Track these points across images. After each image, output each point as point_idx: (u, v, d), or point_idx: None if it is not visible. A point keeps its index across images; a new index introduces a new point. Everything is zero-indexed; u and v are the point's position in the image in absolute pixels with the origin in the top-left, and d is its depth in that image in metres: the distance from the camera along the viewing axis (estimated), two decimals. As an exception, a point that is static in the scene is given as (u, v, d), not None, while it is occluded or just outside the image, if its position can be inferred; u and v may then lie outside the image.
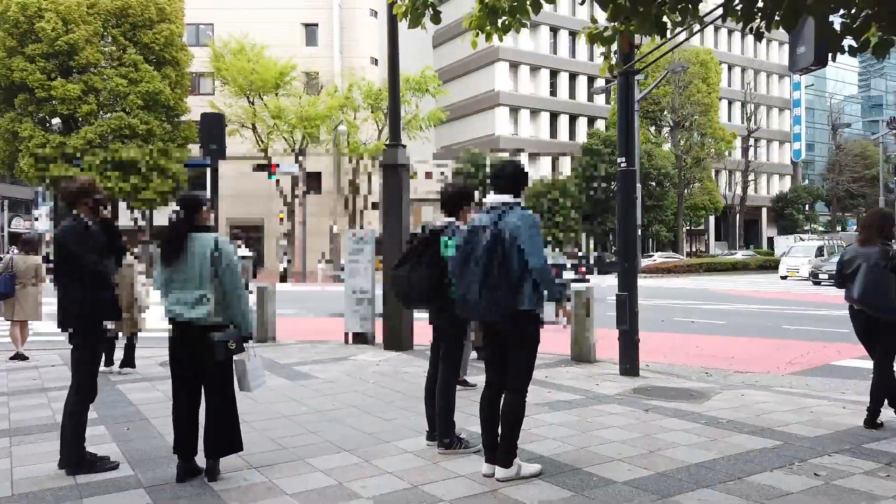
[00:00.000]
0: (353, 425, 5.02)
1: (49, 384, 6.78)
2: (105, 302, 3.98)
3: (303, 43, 41.99)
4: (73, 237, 3.92)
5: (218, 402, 3.85)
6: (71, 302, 3.95)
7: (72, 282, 3.94)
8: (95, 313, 3.96)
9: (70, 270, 3.94)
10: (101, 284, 3.95)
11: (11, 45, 29.56)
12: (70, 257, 3.91)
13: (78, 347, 4.00)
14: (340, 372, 7.34)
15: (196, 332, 3.73)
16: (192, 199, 3.89)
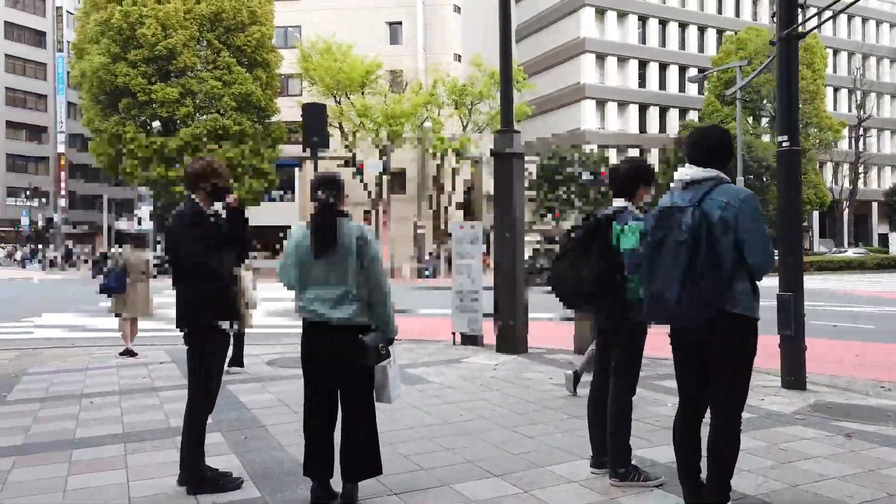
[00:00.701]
0: (493, 442, 4.38)
1: (159, 383, 6.53)
2: (216, 299, 3.49)
3: (387, 41, 42.10)
4: (180, 225, 3.47)
5: (359, 416, 3.29)
6: (181, 298, 3.50)
7: (182, 275, 3.49)
8: (206, 312, 3.47)
9: (179, 262, 3.49)
10: (211, 279, 3.46)
11: (115, 51, 30.96)
12: (177, 247, 3.45)
13: (191, 350, 3.54)
14: (456, 376, 6.74)
15: (338, 335, 3.17)
16: (337, 180, 3.34)
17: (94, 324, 12.63)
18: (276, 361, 7.72)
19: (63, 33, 53.06)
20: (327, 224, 3.17)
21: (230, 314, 3.55)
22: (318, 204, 3.21)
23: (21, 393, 6.08)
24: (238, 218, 3.61)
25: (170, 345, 9.43)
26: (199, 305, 3.42)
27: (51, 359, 8.15)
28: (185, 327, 3.49)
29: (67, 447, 4.34)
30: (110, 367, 7.47)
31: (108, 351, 8.77)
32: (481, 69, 37.62)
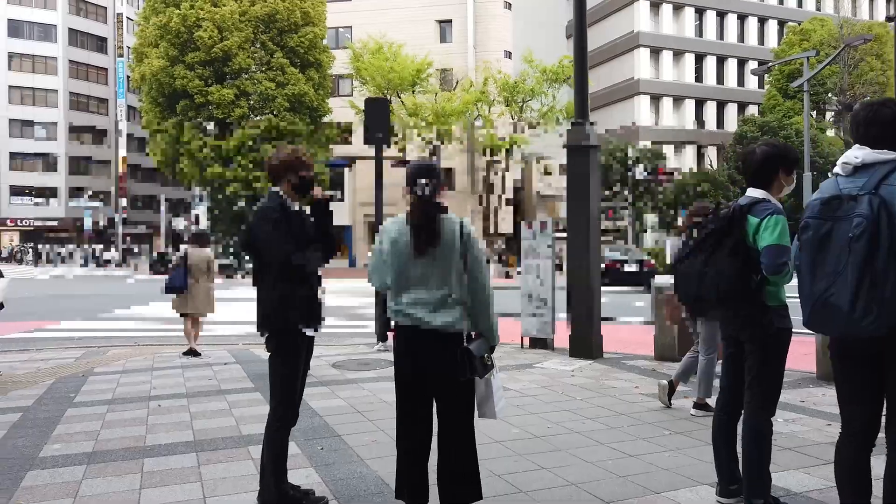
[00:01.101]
0: (592, 460, 3.96)
1: (226, 385, 6.33)
2: (302, 301, 3.17)
3: (437, 40, 41.92)
4: (264, 220, 3.14)
5: (460, 434, 2.92)
6: (264, 300, 3.19)
7: (265, 275, 3.18)
8: (291, 315, 3.15)
9: (263, 261, 3.18)
10: (297, 279, 3.15)
11: (173, 54, 31.62)
12: (260, 244, 3.15)
13: (274, 356, 3.23)
14: (532, 382, 6.33)
15: (439, 343, 2.81)
16: (435, 168, 2.98)
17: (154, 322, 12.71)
18: (341, 364, 7.46)
19: (123, 38, 54.72)
20: (429, 219, 2.81)
21: (316, 318, 3.23)
22: (417, 196, 2.84)
23: (88, 394, 5.96)
24: (325, 213, 3.29)
25: (230, 345, 9.32)
26: (283, 308, 3.11)
27: (115, 358, 8.10)
28: (266, 331, 3.19)
29: (139, 456, 4.12)
30: (175, 368, 7.34)
31: (172, 350, 8.68)
32: (533, 65, 37.07)
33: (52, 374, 7.04)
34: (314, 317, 3.21)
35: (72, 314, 14.01)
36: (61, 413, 5.21)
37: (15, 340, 9.73)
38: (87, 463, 3.98)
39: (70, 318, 13.25)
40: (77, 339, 10.27)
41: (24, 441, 4.43)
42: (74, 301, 17.68)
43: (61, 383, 6.46)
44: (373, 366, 7.34)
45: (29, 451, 4.19)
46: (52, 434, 4.60)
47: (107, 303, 16.80)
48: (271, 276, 3.12)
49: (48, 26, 54.12)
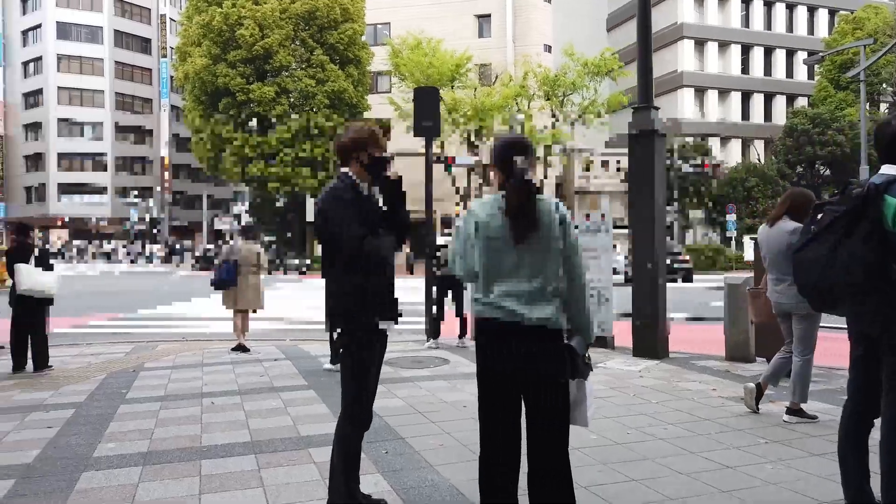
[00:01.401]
0: (687, 472, 3.59)
1: (278, 382, 6.11)
2: (377, 294, 2.87)
3: (476, 35, 41.54)
4: (334, 203, 2.84)
5: (555, 443, 2.59)
6: (336, 292, 2.90)
7: (335, 264, 2.89)
8: (367, 309, 2.86)
9: (331, 248, 2.89)
10: (371, 269, 2.85)
11: (216, 52, 31.91)
12: (330, 230, 2.85)
13: (344, 353, 2.93)
14: (599, 384, 5.94)
15: (534, 340, 2.48)
16: (529, 144, 2.65)
17: (202, 316, 12.68)
18: (394, 362, 7.18)
19: (167, 39, 55.73)
20: (530, 202, 2.48)
21: (392, 311, 2.93)
22: (514, 176, 2.51)
23: (140, 390, 5.81)
24: (398, 194, 2.99)
25: (278, 340, 9.15)
26: (356, 300, 2.82)
27: (164, 353, 7.99)
28: (338, 326, 2.89)
29: (195, 457, 3.90)
30: (225, 364, 7.17)
31: (221, 346, 8.55)
32: (574, 58, 36.35)
33: (103, 369, 6.93)
34: (390, 310, 2.91)
35: (118, 309, 14.11)
36: (114, 410, 5.05)
37: (65, 335, 9.74)
38: (142, 464, 3.77)
39: (117, 313, 13.33)
40: (125, 334, 10.26)
41: (78, 439, 4.26)
42: (120, 297, 17.88)
43: (112, 379, 6.34)
44: (426, 364, 7.05)
45: (83, 451, 4.01)
46: (105, 432, 4.42)
47: (152, 299, 16.94)
48: (342, 265, 2.83)
49: (95, 28, 55.41)
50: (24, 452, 3.97)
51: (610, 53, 36.65)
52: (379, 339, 2.94)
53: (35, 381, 6.26)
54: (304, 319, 12.09)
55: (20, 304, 6.71)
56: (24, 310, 6.73)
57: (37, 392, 5.74)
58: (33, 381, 6.26)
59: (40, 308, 6.81)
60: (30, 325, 6.76)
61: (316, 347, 8.35)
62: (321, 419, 4.75)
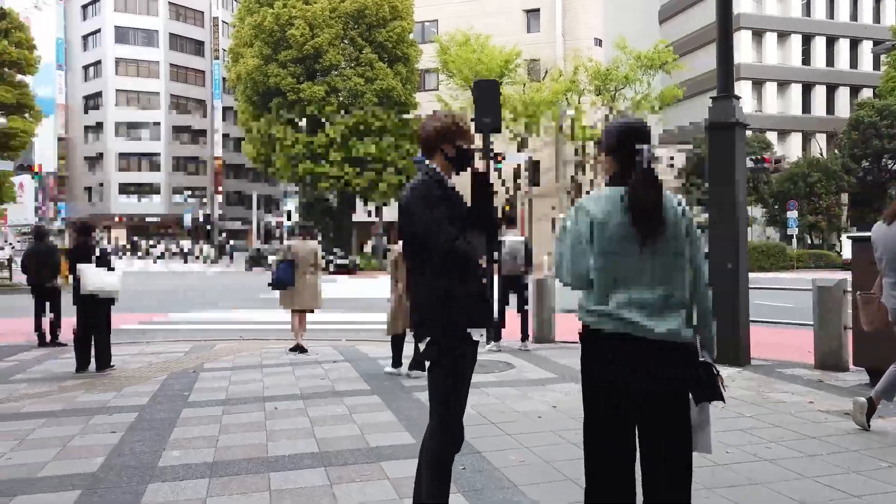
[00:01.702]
0: (807, 501, 3.18)
1: (340, 386, 5.90)
2: (469, 299, 2.57)
3: (524, 30, 41.01)
4: (421, 201, 2.55)
5: (680, 473, 2.25)
6: (424, 298, 2.61)
7: (420, 266, 2.61)
8: (458, 316, 2.56)
9: (419, 250, 2.61)
10: (463, 272, 2.56)
11: (267, 52, 32.27)
12: (418, 231, 2.57)
13: (434, 366, 2.64)
14: (680, 393, 5.54)
15: (662, 357, 2.14)
16: (648, 131, 2.30)
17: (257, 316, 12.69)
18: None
19: (219, 41, 56.92)
20: (657, 196, 2.15)
21: (487, 318, 2.63)
22: (639, 167, 2.18)
23: (201, 393, 5.68)
24: (486, 190, 2.69)
25: (333, 340, 8.98)
26: (448, 307, 2.53)
27: (223, 353, 7.90)
28: (427, 336, 2.61)
29: (263, 469, 3.69)
30: (284, 365, 7.02)
31: (277, 346, 8.43)
32: (626, 52, 35.46)
33: (164, 368, 6.87)
34: (483, 316, 2.62)
35: (174, 307, 14.26)
36: (177, 414, 4.91)
37: (124, 332, 9.81)
38: (209, 476, 3.57)
39: (172, 311, 13.45)
40: (182, 332, 10.27)
41: (143, 446, 4.11)
42: (176, 294, 18.15)
43: (173, 380, 6.24)
44: (490, 368, 6.74)
45: (148, 458, 3.85)
46: (169, 438, 4.27)
47: (206, 296, 17.12)
48: (431, 268, 2.55)
49: (151, 32, 57.00)
50: (88, 460, 3.83)
51: (664, 45, 35.64)
52: (471, 348, 2.64)
53: (98, 382, 6.21)
54: (356, 318, 11.96)
55: (84, 303, 6.69)
56: (88, 309, 6.70)
57: (100, 393, 5.67)
58: (96, 382, 6.22)
59: (103, 307, 6.79)
60: (93, 325, 6.74)
61: (372, 349, 8.15)
62: (389, 429, 4.50)
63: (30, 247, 9.50)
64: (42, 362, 7.43)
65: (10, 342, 9.10)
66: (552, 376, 6.28)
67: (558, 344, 8.34)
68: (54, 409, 5.13)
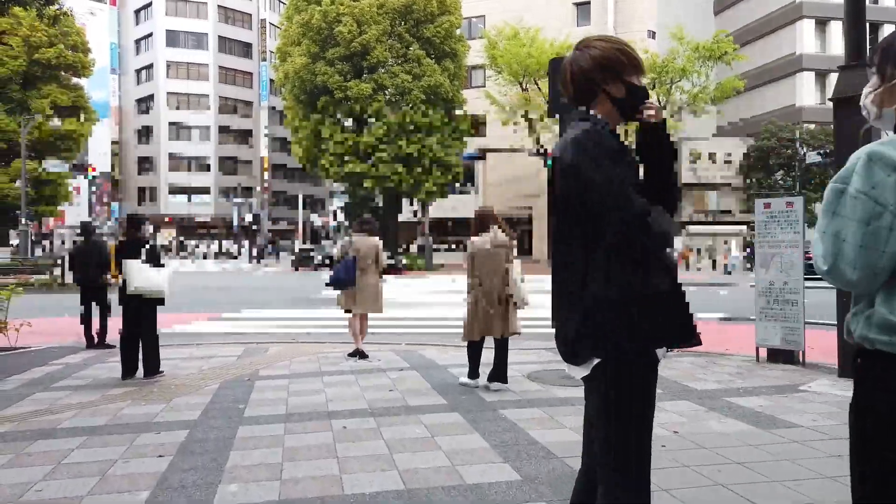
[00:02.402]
0: None
1: (412, 400, 5.18)
2: (661, 302, 1.75)
3: (574, 23, 39.89)
4: (595, 159, 1.75)
5: None
6: (591, 300, 1.75)
7: (581, 252, 1.78)
8: (640, 326, 1.73)
9: (580, 227, 1.79)
10: (651, 262, 1.74)
11: (314, 50, 32.01)
12: (591, 199, 1.75)
13: (605, 397, 1.83)
14: (823, 416, 4.63)
15: None
16: None
17: (305, 315, 12.13)
18: (538, 376, 6.12)
19: (266, 43, 57.32)
20: None
21: (687, 331, 1.83)
22: None
23: (258, 406, 5.02)
24: (666, 145, 1.89)
25: (392, 344, 8.29)
26: (632, 313, 1.73)
27: (278, 358, 7.29)
28: (589, 356, 1.82)
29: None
30: (346, 373, 6.34)
31: (334, 350, 7.79)
32: (682, 43, 34.00)
33: (216, 376, 6.27)
34: (684, 328, 1.81)
35: (223, 307, 13.83)
36: (232, 433, 4.25)
37: (174, 335, 9.33)
38: (275, 521, 2.88)
39: (222, 311, 13.01)
40: (234, 334, 9.75)
41: (195, 476, 3.44)
42: (225, 293, 17.82)
43: (227, 390, 5.62)
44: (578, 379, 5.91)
45: (200, 495, 3.18)
46: (225, 466, 3.60)
47: (255, 296, 16.72)
48: (604, 254, 1.74)
49: (200, 35, 57.76)
50: (131, 495, 3.19)
51: (724, 35, 34.03)
52: (654, 374, 1.86)
53: (145, 391, 5.64)
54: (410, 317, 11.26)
55: (129, 303, 6.14)
56: (134, 310, 6.16)
57: (147, 405, 5.08)
58: (143, 391, 5.64)
59: (150, 308, 6.23)
60: (139, 327, 6.19)
61: (438, 354, 7.43)
62: (482, 457, 3.74)
63: (77, 244, 9.11)
64: (88, 366, 6.94)
65: (59, 342, 8.70)
66: (657, 391, 5.41)
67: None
68: (96, 423, 4.54)
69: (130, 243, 6.35)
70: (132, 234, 6.44)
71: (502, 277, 5.49)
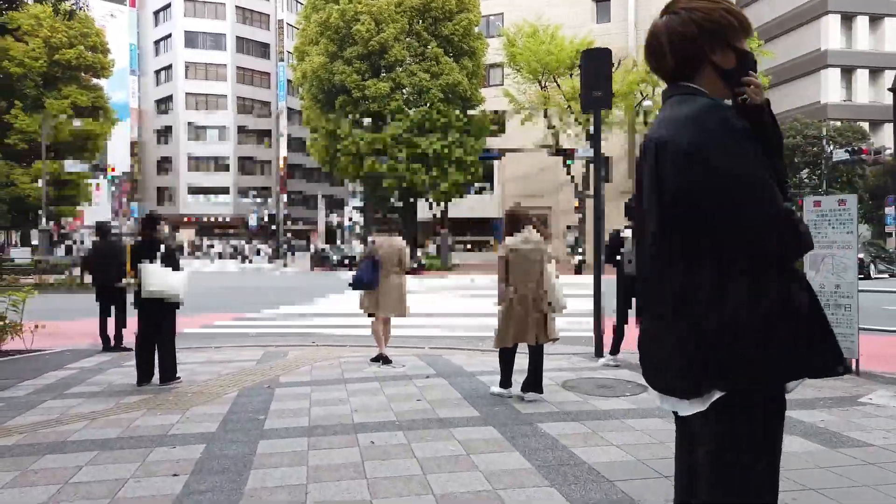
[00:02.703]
0: None
1: (443, 411, 4.85)
2: (799, 323, 1.40)
3: (594, 20, 39.40)
4: (716, 139, 1.41)
5: None
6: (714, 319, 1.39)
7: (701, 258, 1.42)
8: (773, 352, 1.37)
9: (690, 223, 1.43)
10: (791, 274, 1.40)
11: (332, 49, 31.83)
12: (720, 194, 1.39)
13: (722, 431, 1.46)
14: (889, 431, 4.23)
15: None
16: None
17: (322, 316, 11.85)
18: (573, 385, 5.76)
19: (284, 43, 57.35)
20: None
21: (832, 355, 1.46)
22: None
23: (279, 417, 4.72)
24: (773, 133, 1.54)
25: (415, 348, 7.98)
26: (767, 337, 1.37)
27: (298, 363, 7.00)
28: (710, 387, 1.45)
29: (374, 547, 2.65)
30: (370, 380, 6.03)
31: (357, 354, 7.49)
32: (706, 39, 33.40)
33: (235, 382, 5.99)
34: (822, 351, 1.44)
35: (242, 307, 13.61)
36: (252, 449, 3.95)
37: (191, 336, 9.10)
38: (301, 557, 2.56)
39: (240, 312, 12.78)
40: (252, 336, 9.50)
41: (212, 498, 3.14)
42: (242, 294, 17.61)
43: (245, 398, 5.34)
44: (617, 390, 5.56)
45: (218, 523, 2.87)
46: (245, 488, 3.29)
47: (273, 296, 16.49)
48: (725, 263, 1.38)
49: (219, 35, 57.92)
50: (142, 522, 2.89)
51: (748, 31, 33.29)
52: (784, 408, 1.51)
53: (161, 399, 5.37)
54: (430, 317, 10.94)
55: (145, 307, 5.88)
56: (149, 314, 5.90)
57: (162, 415, 4.80)
58: (158, 399, 5.37)
59: (167, 312, 5.96)
60: (155, 332, 5.93)
61: (464, 360, 7.11)
62: (526, 480, 3.40)
63: (93, 244, 8.90)
64: (103, 371, 6.70)
65: (75, 345, 8.50)
66: (702, 403, 5.03)
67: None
68: (108, 436, 4.26)
69: (146, 244, 6.09)
70: (148, 233, 6.18)
71: (538, 280, 5.14)
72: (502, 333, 5.25)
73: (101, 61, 37.07)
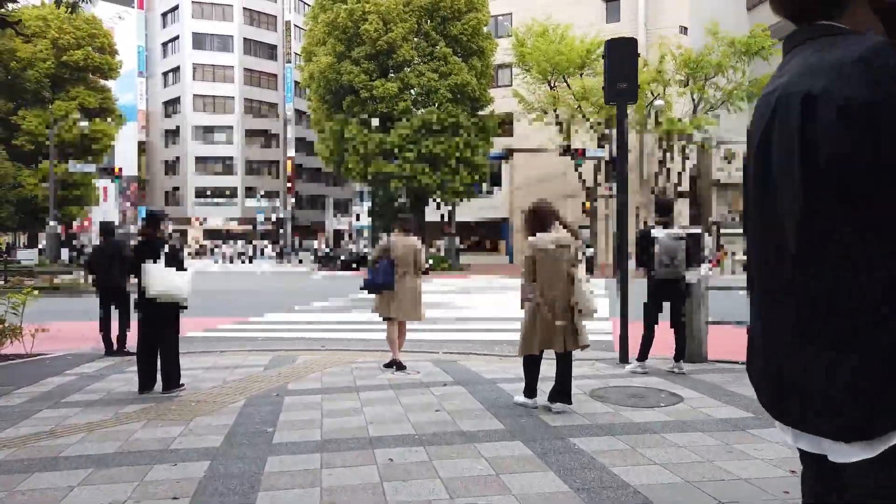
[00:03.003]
0: None
1: (465, 423, 4.49)
2: None
3: (603, 20, 39.00)
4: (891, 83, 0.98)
5: None
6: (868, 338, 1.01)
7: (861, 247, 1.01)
8: None
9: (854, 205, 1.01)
10: None
11: (340, 50, 31.56)
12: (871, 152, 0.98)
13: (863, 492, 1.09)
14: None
15: None
16: None
17: (330, 319, 11.52)
18: (601, 394, 5.40)
19: (291, 45, 57.20)
20: None
21: None
22: None
23: (289, 430, 4.39)
24: None
25: (429, 352, 7.63)
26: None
27: (308, 369, 6.66)
28: (890, 428, 1.07)
29: (400, 589, 2.30)
30: (384, 388, 5.69)
31: (368, 359, 7.15)
32: (718, 38, 32.94)
33: (241, 390, 5.66)
34: None
35: (247, 310, 13.29)
36: (260, 466, 3.61)
37: (196, 340, 8.78)
38: None
39: (246, 314, 12.46)
40: (259, 340, 9.17)
41: (215, 528, 2.81)
42: (247, 296, 17.32)
43: (253, 407, 5.00)
44: (650, 400, 5.19)
45: (222, 557, 2.53)
46: (252, 514, 2.95)
47: (280, 298, 16.18)
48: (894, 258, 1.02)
49: (226, 37, 57.82)
50: (135, 558, 2.55)
51: (762, 30, 32.84)
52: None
53: (163, 408, 5.04)
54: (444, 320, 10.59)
55: (147, 309, 5.56)
56: (152, 317, 5.58)
57: (163, 426, 4.47)
58: (161, 408, 5.04)
59: (170, 315, 5.64)
60: (158, 336, 5.61)
61: (482, 366, 6.76)
62: (561, 503, 3.04)
63: (97, 245, 8.60)
64: (104, 377, 6.38)
65: (77, 349, 8.20)
66: (745, 415, 4.67)
67: (714, 364, 6.69)
68: (105, 451, 3.94)
69: (149, 243, 5.77)
70: (150, 232, 5.85)
71: (566, 282, 4.78)
72: (528, 340, 4.90)
73: (109, 62, 36.96)
